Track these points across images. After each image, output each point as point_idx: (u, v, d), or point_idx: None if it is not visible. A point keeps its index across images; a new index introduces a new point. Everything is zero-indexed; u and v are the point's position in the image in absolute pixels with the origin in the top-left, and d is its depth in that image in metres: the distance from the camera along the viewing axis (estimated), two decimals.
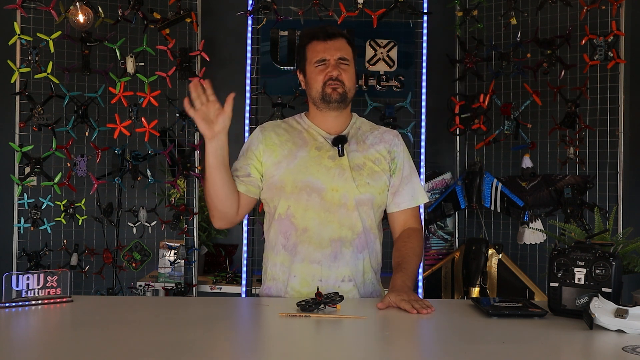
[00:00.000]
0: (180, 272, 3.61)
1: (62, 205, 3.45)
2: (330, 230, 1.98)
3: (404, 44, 3.71)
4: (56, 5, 3.34)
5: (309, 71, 2.04)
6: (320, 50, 2.01)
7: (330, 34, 2.01)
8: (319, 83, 2.01)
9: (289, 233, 2.00)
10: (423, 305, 1.76)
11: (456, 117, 3.74)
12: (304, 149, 2.02)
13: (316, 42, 2.02)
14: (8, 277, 1.75)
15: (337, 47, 2.01)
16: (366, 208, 2.02)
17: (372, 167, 2.03)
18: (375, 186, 2.02)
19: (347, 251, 1.99)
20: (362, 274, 2.03)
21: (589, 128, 3.46)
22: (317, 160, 2.00)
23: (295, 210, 1.99)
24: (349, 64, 2.03)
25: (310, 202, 1.98)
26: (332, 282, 1.98)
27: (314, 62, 2.02)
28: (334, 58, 2.00)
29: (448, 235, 3.96)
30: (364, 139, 2.08)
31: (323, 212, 1.98)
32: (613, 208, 2.43)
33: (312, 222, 1.98)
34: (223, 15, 4.00)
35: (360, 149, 2.05)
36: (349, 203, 1.99)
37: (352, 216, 1.99)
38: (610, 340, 1.49)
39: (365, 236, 2.02)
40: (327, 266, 1.98)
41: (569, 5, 3.44)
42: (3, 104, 3.66)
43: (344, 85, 2.01)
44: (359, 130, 2.11)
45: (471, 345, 1.49)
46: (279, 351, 1.44)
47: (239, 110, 3.60)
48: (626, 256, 1.83)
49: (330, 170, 1.99)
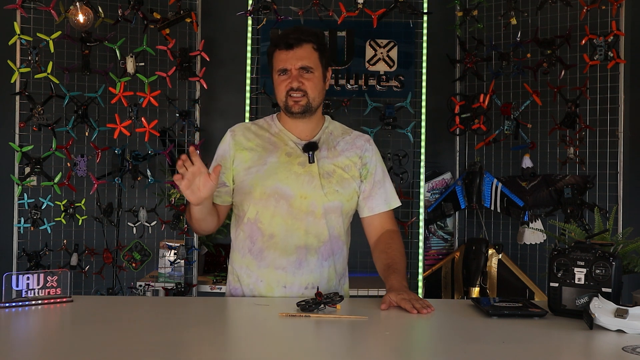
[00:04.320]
0: (180, 272, 3.61)
1: (62, 205, 3.45)
2: (296, 238, 1.98)
3: (404, 44, 3.71)
4: (56, 5, 3.34)
5: (274, 79, 2.02)
6: (282, 59, 1.97)
7: (291, 43, 1.96)
8: (282, 93, 1.99)
9: (256, 238, 2.00)
10: (423, 304, 1.76)
11: (456, 117, 3.74)
12: (274, 155, 2.01)
13: (279, 51, 1.98)
14: (8, 277, 1.75)
15: (299, 57, 1.96)
16: (334, 215, 2.01)
17: (341, 174, 2.02)
18: (344, 193, 2.01)
19: (312, 259, 1.99)
20: (327, 281, 2.03)
21: (589, 128, 3.46)
22: (286, 166, 1.99)
23: (262, 216, 1.99)
24: (313, 72, 1.98)
25: (277, 209, 1.97)
26: (296, 289, 1.98)
27: (277, 71, 1.99)
28: (295, 68, 1.96)
29: (448, 235, 3.96)
30: (335, 144, 2.06)
31: (290, 219, 1.97)
32: (613, 208, 2.42)
33: (278, 229, 1.97)
34: (223, 15, 4.01)
35: (330, 156, 2.03)
36: (317, 211, 1.98)
37: (319, 224, 1.99)
38: (610, 340, 1.49)
39: (331, 244, 2.02)
40: (292, 273, 1.98)
41: (569, 5, 3.44)
42: (3, 104, 3.66)
43: (307, 95, 1.97)
44: (330, 135, 2.09)
45: (471, 345, 1.49)
46: (279, 351, 1.44)
47: (239, 111, 3.61)
48: (626, 256, 1.83)
49: (300, 177, 1.98)
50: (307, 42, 1.98)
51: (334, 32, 3.61)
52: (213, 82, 3.75)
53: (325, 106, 3.56)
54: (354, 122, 3.67)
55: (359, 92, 3.66)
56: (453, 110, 3.76)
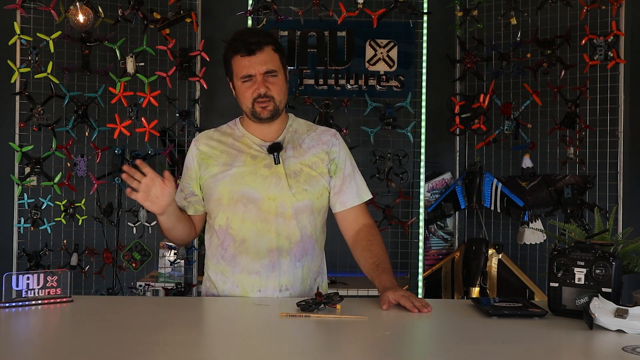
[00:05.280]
0: (180, 272, 3.61)
1: (62, 205, 3.45)
2: (267, 241, 1.96)
3: (404, 44, 3.71)
4: (56, 5, 3.34)
5: (237, 85, 1.98)
6: (245, 65, 1.93)
7: (252, 48, 1.92)
8: (248, 100, 1.95)
9: (227, 244, 1.99)
10: (422, 303, 1.76)
11: (456, 117, 3.74)
12: (239, 159, 1.99)
13: (240, 57, 1.94)
14: (8, 277, 1.75)
15: (262, 61, 1.93)
16: (305, 215, 2.00)
17: (309, 172, 2.00)
18: (313, 192, 2.00)
19: (285, 261, 1.98)
20: (301, 282, 2.01)
21: (589, 128, 3.46)
22: (252, 170, 1.97)
23: (232, 222, 1.98)
24: (277, 74, 1.96)
25: (247, 213, 1.96)
26: (271, 292, 1.97)
27: (240, 78, 1.95)
28: (260, 73, 1.93)
29: (448, 235, 3.96)
30: (300, 142, 2.04)
31: (260, 222, 1.96)
32: (613, 208, 2.42)
33: (249, 233, 1.96)
34: (223, 15, 4.00)
35: (296, 155, 2.01)
36: (287, 212, 1.97)
37: (289, 225, 1.97)
38: (610, 340, 1.49)
39: (303, 244, 2.00)
40: (266, 276, 1.96)
41: (569, 5, 3.44)
42: (3, 104, 3.66)
43: (274, 99, 1.95)
44: (295, 133, 2.06)
45: (471, 345, 1.49)
46: (279, 351, 1.44)
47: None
48: (626, 256, 1.83)
49: (267, 180, 1.96)
50: (267, 45, 1.95)
51: (334, 32, 3.61)
52: (213, 82, 3.75)
53: (326, 106, 3.57)
54: (354, 122, 3.68)
55: (359, 92, 3.66)
56: (453, 110, 3.76)
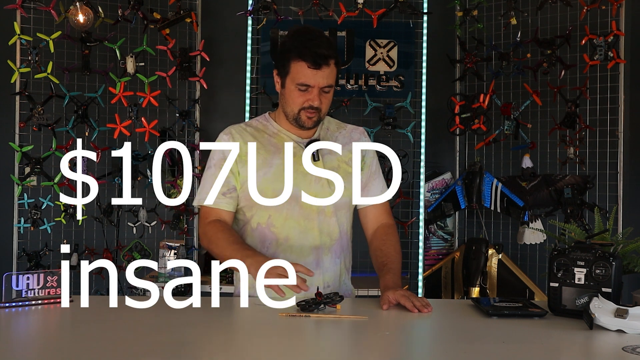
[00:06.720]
0: (181, 272, 3.61)
1: (62, 205, 3.45)
2: (310, 238, 1.96)
3: (404, 44, 3.71)
4: (56, 5, 3.34)
5: (289, 87, 1.92)
6: (308, 75, 1.88)
7: (320, 62, 1.86)
8: (297, 106, 1.92)
9: (268, 242, 1.97)
10: (423, 303, 1.76)
11: (456, 117, 3.74)
12: (277, 156, 1.97)
13: (305, 64, 1.87)
14: (8, 277, 1.75)
15: (325, 76, 1.89)
16: (344, 212, 2.01)
17: (345, 168, 2.01)
18: (350, 188, 2.01)
19: (327, 258, 1.99)
20: (339, 278, 2.03)
21: (589, 128, 3.46)
22: (293, 166, 1.96)
23: (275, 220, 1.96)
24: (332, 88, 1.93)
25: (290, 211, 1.95)
26: (313, 289, 1.95)
27: (297, 83, 1.90)
28: (319, 86, 1.89)
29: (448, 235, 3.96)
30: (334, 139, 2.05)
31: (303, 220, 1.95)
32: (613, 208, 2.43)
33: (293, 231, 1.95)
34: (223, 15, 4.00)
35: (332, 152, 2.02)
36: (327, 209, 1.97)
37: (330, 222, 1.98)
38: (610, 340, 1.49)
39: (341, 241, 2.01)
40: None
41: (569, 5, 3.44)
42: (3, 104, 3.66)
43: (320, 111, 1.94)
44: (327, 131, 2.07)
45: (471, 345, 1.49)
46: (279, 351, 1.44)
47: (239, 111, 3.61)
48: (626, 256, 1.83)
49: (307, 177, 1.96)
50: (332, 59, 1.89)
51: (334, 32, 3.61)
52: (213, 82, 3.75)
53: None
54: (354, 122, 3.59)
55: (359, 92, 3.66)
56: (453, 110, 3.76)
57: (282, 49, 1.94)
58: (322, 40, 1.91)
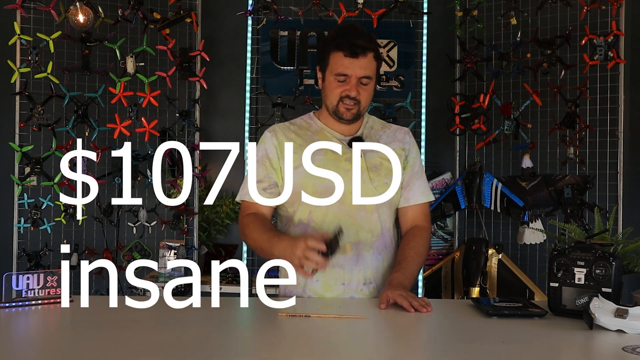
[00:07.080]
0: (180, 272, 3.61)
1: (62, 205, 3.45)
2: (351, 234, 1.96)
3: (404, 44, 3.71)
4: (56, 5, 3.34)
5: (328, 79, 1.97)
6: (345, 65, 1.91)
7: (356, 52, 1.90)
8: (335, 97, 1.96)
9: None
10: (422, 303, 1.76)
11: (456, 117, 3.74)
12: (320, 153, 2.00)
13: (343, 55, 1.91)
14: (8, 277, 1.75)
15: (362, 65, 1.92)
16: (385, 209, 2.02)
17: (388, 166, 2.03)
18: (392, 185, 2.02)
19: (368, 254, 2.00)
20: (382, 275, 2.03)
21: (589, 128, 3.46)
22: (335, 163, 1.98)
23: (315, 216, 1.98)
24: (371, 80, 1.95)
25: (330, 207, 1.97)
26: (355, 286, 1.98)
27: (335, 74, 1.94)
28: (357, 76, 1.92)
29: (448, 235, 3.96)
30: (377, 138, 2.07)
31: (343, 216, 1.97)
32: (613, 208, 2.42)
33: (332, 227, 1.94)
34: (223, 15, 4.00)
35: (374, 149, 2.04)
36: (368, 206, 1.98)
37: (371, 219, 1.99)
38: (610, 340, 1.49)
39: (383, 237, 2.02)
40: (349, 270, 1.98)
41: (569, 5, 3.44)
42: (3, 104, 3.66)
43: (360, 104, 1.96)
44: (371, 129, 2.09)
45: (471, 345, 1.49)
46: (279, 351, 1.44)
47: (239, 111, 3.61)
48: (626, 256, 1.83)
49: (348, 173, 1.97)
50: (370, 51, 1.93)
51: None
52: (213, 82, 3.75)
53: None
54: None
55: None
56: (453, 110, 3.76)
57: (323, 44, 1.99)
58: (362, 33, 1.94)
